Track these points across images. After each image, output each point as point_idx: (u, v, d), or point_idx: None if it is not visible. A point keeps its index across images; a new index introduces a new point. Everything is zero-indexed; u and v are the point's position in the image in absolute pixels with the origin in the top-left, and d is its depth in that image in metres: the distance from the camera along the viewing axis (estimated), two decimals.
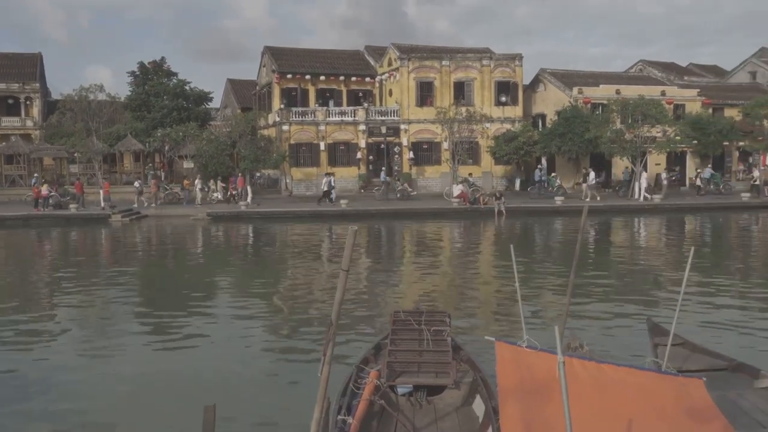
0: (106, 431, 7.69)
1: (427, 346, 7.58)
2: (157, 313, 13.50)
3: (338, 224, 29.34)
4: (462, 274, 18.23)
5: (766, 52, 56.74)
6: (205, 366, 9.72)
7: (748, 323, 11.94)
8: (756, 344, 10.50)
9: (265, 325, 12.55)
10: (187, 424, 7.02)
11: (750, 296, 14.67)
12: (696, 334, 10.02)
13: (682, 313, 12.17)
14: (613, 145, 36.28)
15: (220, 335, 11.57)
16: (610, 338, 10.60)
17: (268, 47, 48.02)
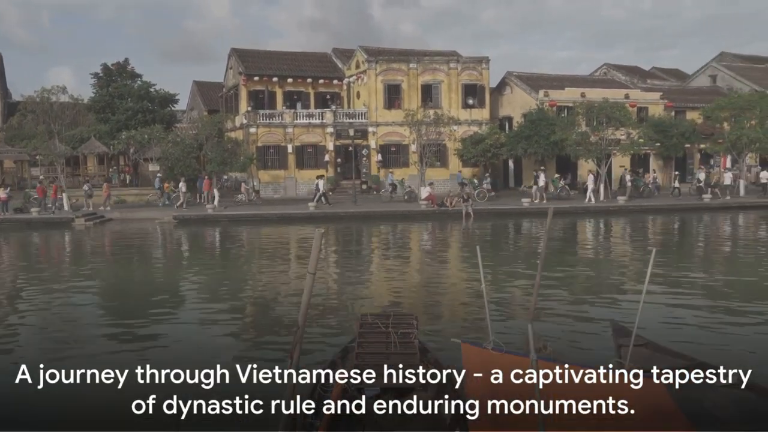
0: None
1: (395, 349, 7.57)
2: (118, 318, 13.30)
3: (306, 227, 29.24)
4: (430, 276, 18.29)
5: (725, 56, 58.06)
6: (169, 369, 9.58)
7: (709, 323, 12.18)
8: (716, 343, 10.72)
9: (231, 328, 12.44)
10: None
11: (710, 296, 14.96)
12: (659, 335, 10.19)
13: (645, 314, 12.39)
14: (578, 148, 36.74)
15: (185, 339, 11.44)
16: (575, 339, 10.72)
17: (234, 49, 47.70)
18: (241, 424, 7.82)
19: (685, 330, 11.51)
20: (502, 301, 14.26)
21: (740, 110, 38.39)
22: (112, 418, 7.20)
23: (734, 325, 12.02)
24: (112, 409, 7.00)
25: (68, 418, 7.76)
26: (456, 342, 5.20)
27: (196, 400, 6.67)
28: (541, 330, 10.47)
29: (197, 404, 6.69)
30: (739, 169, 40.60)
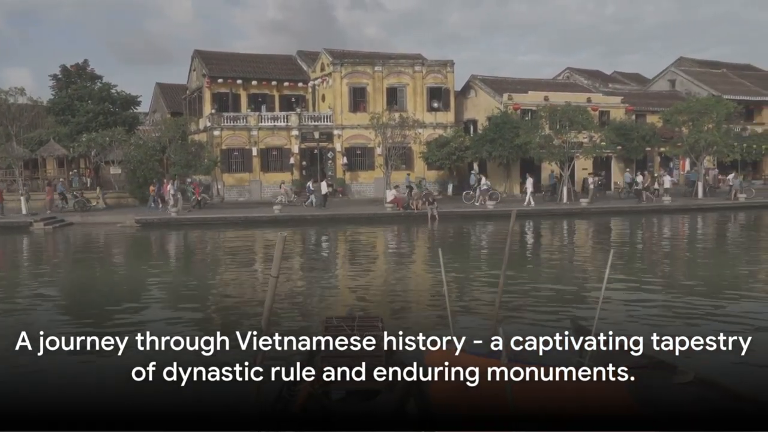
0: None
1: (361, 351, 7.58)
2: (78, 323, 13.06)
3: (271, 230, 29.08)
4: (395, 278, 18.34)
5: (683, 61, 59.32)
6: (125, 373, 9.46)
7: (668, 322, 12.44)
8: (675, 341, 10.93)
9: (193, 332, 12.31)
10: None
11: (668, 295, 15.28)
12: (618, 334, 10.36)
13: (606, 314, 12.62)
14: (542, 151, 37.20)
15: (145, 341, 11.27)
16: (536, 339, 10.82)
17: (198, 51, 47.25)
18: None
19: (643, 328, 11.74)
20: (464, 303, 14.37)
21: (698, 114, 39.25)
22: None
23: (691, 323, 12.29)
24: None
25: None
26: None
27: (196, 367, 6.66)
28: (504, 330, 10.56)
29: (197, 371, 6.69)
30: (697, 172, 41.49)
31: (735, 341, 10.85)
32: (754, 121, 50.52)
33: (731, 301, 14.47)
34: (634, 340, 10.08)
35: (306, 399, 6.52)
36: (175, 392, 8.82)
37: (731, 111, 39.96)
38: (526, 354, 8.71)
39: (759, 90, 53.27)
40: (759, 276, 18.20)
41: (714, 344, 10.60)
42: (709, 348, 10.43)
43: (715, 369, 8.64)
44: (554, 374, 4.58)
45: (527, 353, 9.15)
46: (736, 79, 54.90)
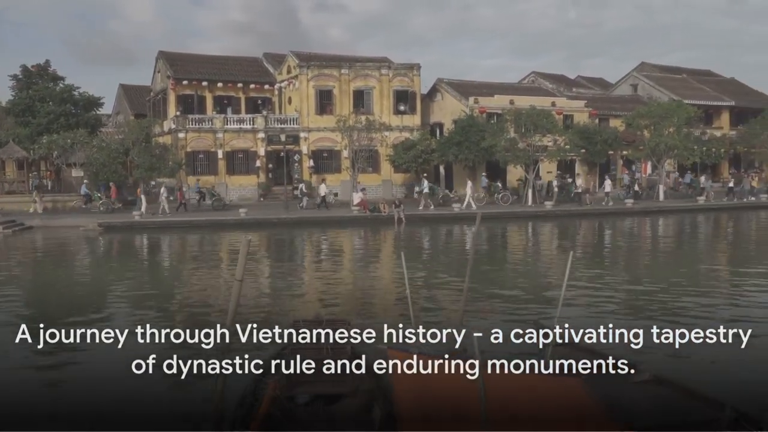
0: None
1: (327, 355, 7.58)
2: (37, 327, 12.78)
3: (237, 233, 28.85)
4: (362, 281, 18.35)
5: (645, 66, 60.37)
6: (87, 380, 9.35)
7: (627, 320, 12.67)
8: (633, 340, 11.12)
9: (157, 335, 12.15)
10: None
11: (628, 295, 15.56)
12: (577, 333, 10.53)
13: (569, 314, 12.79)
14: (507, 154, 37.53)
15: (106, 348, 11.12)
16: (500, 341, 10.91)
17: (162, 52, 46.72)
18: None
19: (604, 327, 11.93)
20: (429, 305, 14.45)
21: (659, 118, 40.00)
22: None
23: (649, 323, 12.52)
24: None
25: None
26: (382, 348, 5.26)
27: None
28: (468, 331, 10.65)
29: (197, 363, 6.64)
30: (658, 175, 42.30)
31: (696, 338, 11.14)
32: (713, 126, 51.61)
33: (689, 297, 14.77)
34: (589, 335, 10.28)
35: (270, 403, 6.50)
36: (135, 398, 8.75)
37: (691, 115, 40.79)
38: (489, 354, 8.80)
39: (718, 95, 54.46)
40: (715, 275, 18.61)
41: (671, 347, 10.90)
42: (665, 349, 10.72)
43: (675, 370, 8.83)
44: (514, 373, 4.64)
45: (489, 353, 9.25)
46: (696, 85, 56.05)
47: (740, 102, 54.47)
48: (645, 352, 10.32)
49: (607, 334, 11.40)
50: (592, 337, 10.80)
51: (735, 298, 15.30)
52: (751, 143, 47.62)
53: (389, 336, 11.56)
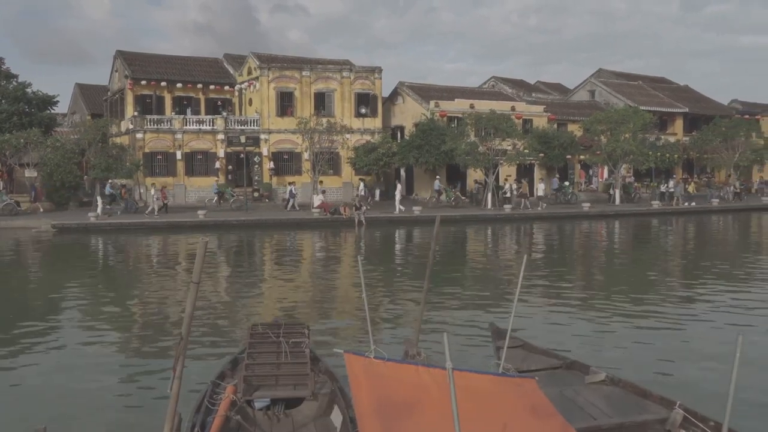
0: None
1: (285, 359, 7.55)
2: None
3: (196, 235, 28.53)
4: (321, 285, 18.30)
5: (602, 72, 61.52)
6: (44, 385, 9.17)
7: (581, 323, 12.92)
8: (587, 342, 11.37)
9: (112, 340, 11.99)
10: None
11: (584, 297, 15.83)
12: (536, 335, 10.69)
13: (526, 315, 12.96)
14: (467, 157, 37.86)
15: (63, 352, 10.94)
16: (457, 343, 11.04)
17: (120, 51, 45.97)
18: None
19: (559, 329, 12.17)
20: (388, 309, 14.50)
21: (615, 124, 40.81)
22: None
23: (602, 325, 12.79)
24: None
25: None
26: (339, 352, 5.27)
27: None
28: (426, 335, 10.73)
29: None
30: (615, 179, 43.12)
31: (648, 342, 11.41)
32: (668, 131, 52.86)
33: (637, 302, 15.10)
34: (551, 341, 10.45)
35: (228, 408, 6.45)
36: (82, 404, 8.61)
37: (647, 121, 41.71)
38: (442, 358, 8.88)
39: (672, 102, 55.80)
40: (665, 279, 19.05)
41: (622, 348, 11.16)
42: (618, 349, 10.97)
43: (626, 370, 9.04)
44: (466, 376, 4.69)
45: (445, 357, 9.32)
46: (652, 91, 57.32)
47: (693, 109, 55.94)
48: (598, 353, 10.58)
49: (562, 335, 11.67)
50: (548, 338, 11.04)
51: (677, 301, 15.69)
52: (704, 149, 48.90)
53: (349, 339, 11.61)
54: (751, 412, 7.56)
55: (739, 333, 4.24)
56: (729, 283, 17.34)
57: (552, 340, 10.95)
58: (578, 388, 7.12)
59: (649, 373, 9.31)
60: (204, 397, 6.80)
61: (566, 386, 7.17)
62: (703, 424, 6.01)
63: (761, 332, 11.90)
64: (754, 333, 11.68)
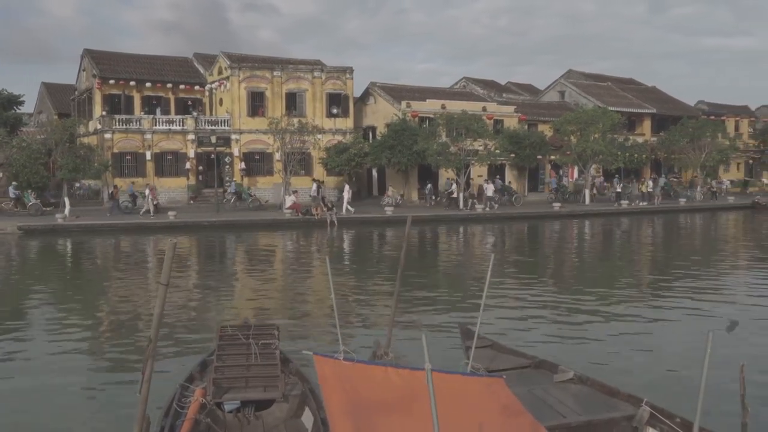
0: None
1: (255, 361, 7.50)
2: None
3: (166, 237, 28.22)
4: (292, 285, 18.24)
5: (572, 73, 62.16)
6: (8, 390, 9.02)
7: (550, 321, 13.06)
8: (555, 341, 11.49)
9: (81, 343, 11.82)
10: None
11: (551, 297, 15.98)
12: (505, 335, 10.78)
13: (497, 315, 13.05)
14: (439, 158, 37.99)
15: (31, 355, 10.76)
16: (430, 344, 11.08)
17: (88, 50, 45.32)
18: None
19: (526, 328, 12.28)
20: (357, 309, 14.50)
21: (585, 124, 41.25)
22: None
23: (570, 324, 12.94)
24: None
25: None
26: (308, 354, 5.26)
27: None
28: (397, 334, 10.74)
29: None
30: (584, 179, 43.61)
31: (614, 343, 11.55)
32: (636, 132, 53.55)
33: (606, 301, 15.30)
34: (520, 341, 10.54)
35: (197, 411, 6.39)
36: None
37: (615, 122, 42.23)
38: (409, 359, 8.91)
39: (640, 102, 56.57)
40: (634, 278, 19.32)
41: (588, 346, 11.30)
42: (583, 347, 11.11)
43: (592, 369, 9.15)
44: (436, 377, 4.71)
45: (416, 358, 9.36)
46: (620, 92, 58.07)
47: (661, 109, 56.79)
48: (565, 352, 10.69)
49: (529, 335, 11.78)
50: (515, 337, 11.14)
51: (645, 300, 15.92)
52: (671, 149, 49.66)
53: (320, 340, 11.58)
54: (714, 408, 7.70)
55: (709, 330, 4.30)
56: (698, 282, 17.65)
57: (521, 339, 11.05)
58: (547, 387, 7.19)
59: (617, 370, 9.44)
60: (173, 400, 6.74)
61: (535, 385, 7.24)
62: (669, 421, 6.11)
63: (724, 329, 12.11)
64: (721, 330, 11.87)
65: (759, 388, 8.31)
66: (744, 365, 7.46)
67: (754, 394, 7.70)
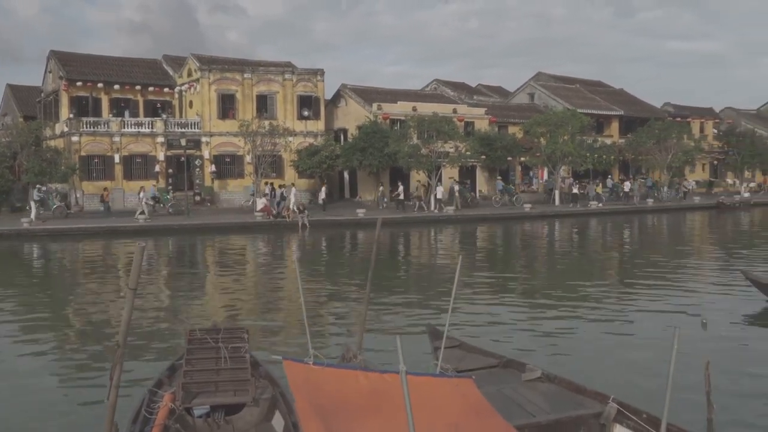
0: None
1: (225, 364, 7.44)
2: None
3: (135, 241, 27.88)
4: (263, 288, 18.14)
5: (541, 76, 62.75)
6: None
7: (519, 321, 13.18)
8: (524, 340, 11.60)
9: (47, 349, 11.62)
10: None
11: (519, 298, 16.14)
12: (474, 335, 10.85)
13: (466, 316, 13.12)
14: (410, 160, 38.10)
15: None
16: (395, 345, 11.08)
17: (54, 51, 44.64)
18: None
19: (493, 329, 12.38)
20: (328, 312, 14.49)
21: (554, 126, 41.73)
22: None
23: (537, 323, 13.07)
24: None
25: None
26: (277, 359, 5.25)
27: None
28: (369, 338, 10.74)
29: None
30: (554, 180, 44.07)
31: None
32: (604, 134, 54.24)
33: (574, 300, 15.47)
34: (489, 340, 10.62)
35: (166, 417, 6.33)
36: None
37: (584, 124, 42.79)
38: (382, 361, 8.92)
39: (608, 105, 57.33)
40: (602, 277, 19.57)
41: (558, 346, 11.43)
42: (552, 347, 11.23)
43: (561, 367, 9.25)
44: (411, 378, 4.73)
45: (388, 360, 9.37)
46: (589, 95, 58.77)
47: (628, 111, 57.61)
48: (534, 350, 10.79)
49: (497, 336, 11.86)
50: (485, 337, 11.21)
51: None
52: (638, 150, 50.39)
53: (290, 344, 11.54)
54: (680, 404, 7.83)
55: (675, 327, 4.37)
56: (665, 280, 17.93)
57: (489, 338, 11.12)
58: (515, 386, 7.25)
59: (585, 368, 9.54)
60: (141, 406, 6.66)
61: (503, 384, 7.30)
62: (636, 417, 6.20)
63: (694, 326, 12.32)
64: (688, 327, 12.09)
65: (724, 383, 8.47)
66: (709, 362, 7.63)
67: (719, 389, 7.88)
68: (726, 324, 12.74)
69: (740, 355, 10.67)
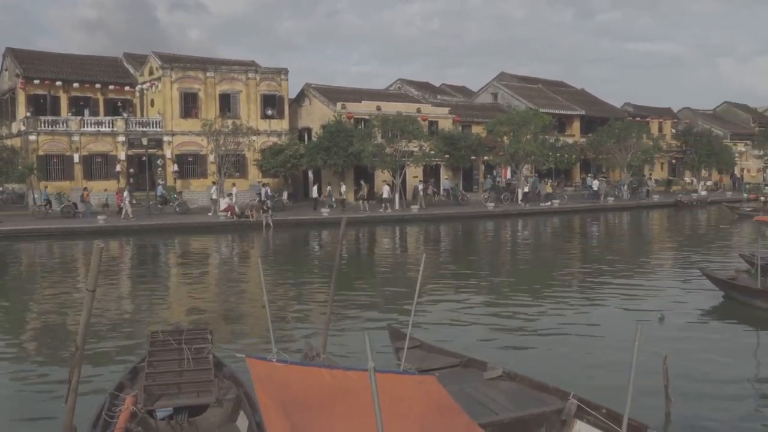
0: None
1: (188, 366, 7.39)
2: None
3: (94, 241, 27.39)
4: (226, 289, 18.00)
5: (504, 76, 63.29)
6: None
7: (480, 320, 13.31)
8: (486, 338, 11.71)
9: (2, 351, 11.38)
10: None
11: (483, 296, 16.30)
12: (432, 335, 10.91)
13: (429, 316, 13.20)
14: (375, 159, 38.11)
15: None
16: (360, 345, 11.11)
17: (10, 49, 43.64)
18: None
19: (455, 328, 12.49)
20: (291, 311, 14.46)
21: (517, 126, 42.11)
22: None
23: (498, 321, 13.21)
24: None
25: None
26: (240, 357, 5.23)
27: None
28: (332, 337, 10.75)
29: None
30: (517, 179, 44.50)
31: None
32: (566, 133, 54.92)
33: (534, 298, 15.68)
34: (450, 340, 10.70)
35: (128, 420, 6.25)
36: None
37: (546, 123, 43.25)
38: (343, 360, 8.94)
39: (569, 105, 58.09)
40: (563, 276, 19.84)
41: (517, 344, 11.57)
42: (512, 346, 11.37)
43: (520, 365, 9.37)
44: (368, 377, 4.76)
45: (350, 358, 9.39)
46: (551, 95, 59.47)
47: (589, 111, 58.45)
48: (494, 349, 10.90)
49: (460, 335, 11.96)
50: (445, 337, 11.29)
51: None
52: (599, 150, 51.16)
53: (253, 344, 11.48)
54: (639, 398, 7.99)
55: (637, 323, 4.46)
56: (626, 278, 18.24)
57: (451, 338, 11.21)
58: (477, 385, 7.33)
59: (547, 366, 9.67)
60: (102, 410, 6.57)
61: (465, 383, 7.36)
62: (596, 412, 6.32)
63: (653, 322, 12.58)
64: (647, 323, 12.33)
65: (680, 378, 8.66)
66: (667, 356, 7.80)
67: (676, 383, 8.06)
68: (684, 319, 13.04)
69: (697, 347, 10.93)
